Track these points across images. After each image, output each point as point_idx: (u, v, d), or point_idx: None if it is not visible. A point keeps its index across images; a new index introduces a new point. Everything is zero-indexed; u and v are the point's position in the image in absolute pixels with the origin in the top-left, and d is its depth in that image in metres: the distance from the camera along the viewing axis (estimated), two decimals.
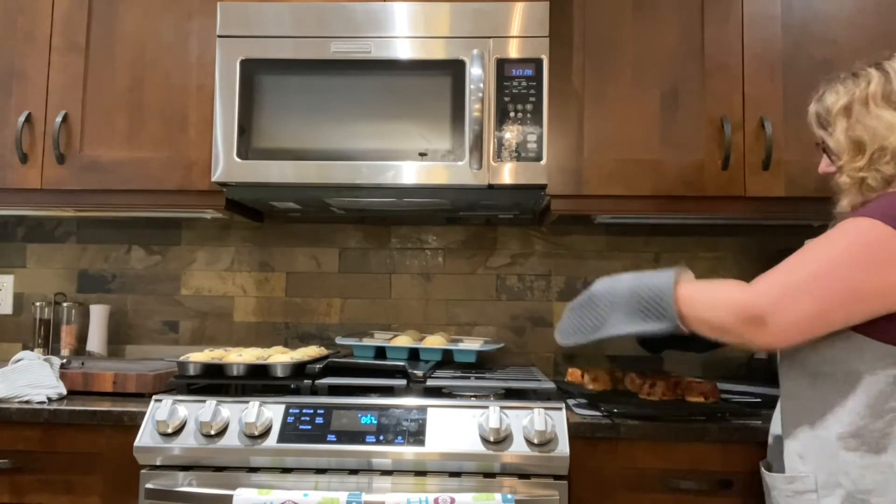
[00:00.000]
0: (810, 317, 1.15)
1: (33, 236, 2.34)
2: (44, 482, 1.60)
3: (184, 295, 2.30)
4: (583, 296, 1.42)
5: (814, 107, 1.38)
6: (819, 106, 1.37)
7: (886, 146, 1.24)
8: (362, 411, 1.54)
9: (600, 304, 1.38)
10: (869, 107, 1.27)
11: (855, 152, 1.28)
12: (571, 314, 1.43)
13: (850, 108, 1.30)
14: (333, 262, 2.31)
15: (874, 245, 1.14)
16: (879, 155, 1.25)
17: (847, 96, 1.31)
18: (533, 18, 1.84)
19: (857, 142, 1.27)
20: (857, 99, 1.29)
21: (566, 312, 1.44)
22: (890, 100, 1.26)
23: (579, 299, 1.42)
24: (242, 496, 1.41)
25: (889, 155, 1.24)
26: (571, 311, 1.43)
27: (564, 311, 1.45)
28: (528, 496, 1.45)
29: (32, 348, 2.20)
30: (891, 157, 1.24)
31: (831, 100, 1.33)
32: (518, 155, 1.80)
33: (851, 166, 1.28)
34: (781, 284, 1.17)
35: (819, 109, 1.36)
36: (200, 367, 1.66)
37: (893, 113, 1.25)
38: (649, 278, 1.35)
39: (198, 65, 1.95)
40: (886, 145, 1.24)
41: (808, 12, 1.90)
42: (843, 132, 1.30)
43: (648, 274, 1.37)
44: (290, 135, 1.85)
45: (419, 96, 1.83)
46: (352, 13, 1.86)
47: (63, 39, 1.97)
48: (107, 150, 1.95)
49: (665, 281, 1.31)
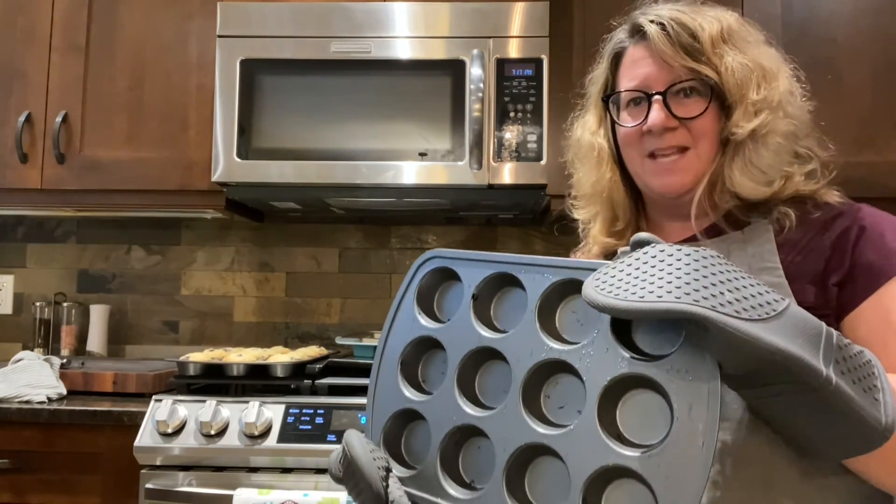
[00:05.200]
0: None
1: (33, 236, 2.34)
2: (44, 482, 1.60)
3: (184, 295, 2.30)
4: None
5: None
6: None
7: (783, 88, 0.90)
8: (362, 411, 1.54)
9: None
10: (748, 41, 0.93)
11: (757, 82, 0.89)
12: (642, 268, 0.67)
13: (728, 34, 0.91)
14: (333, 262, 2.31)
15: None
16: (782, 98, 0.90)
17: (716, 22, 0.92)
18: (533, 18, 1.83)
19: (763, 70, 0.90)
20: (731, 29, 0.93)
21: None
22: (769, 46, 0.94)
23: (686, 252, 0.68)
24: (242, 496, 1.41)
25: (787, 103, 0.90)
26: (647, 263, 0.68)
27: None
28: None
29: (32, 348, 2.20)
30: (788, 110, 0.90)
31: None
32: (518, 155, 1.80)
33: (754, 98, 0.89)
34: None
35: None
36: (200, 367, 1.66)
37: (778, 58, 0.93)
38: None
39: (198, 65, 1.95)
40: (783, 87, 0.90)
41: (808, 12, 1.90)
42: (737, 58, 0.90)
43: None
44: (290, 135, 1.85)
45: (419, 96, 1.83)
46: (352, 13, 1.86)
47: (63, 39, 1.97)
48: (107, 150, 1.95)
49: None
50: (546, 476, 0.69)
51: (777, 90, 0.89)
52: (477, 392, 0.77)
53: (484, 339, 0.75)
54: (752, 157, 0.88)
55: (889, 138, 1.88)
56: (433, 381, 0.80)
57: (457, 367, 0.76)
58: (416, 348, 0.82)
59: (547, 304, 0.73)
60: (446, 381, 0.77)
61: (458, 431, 0.75)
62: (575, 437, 0.66)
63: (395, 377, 0.81)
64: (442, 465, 0.75)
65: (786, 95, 0.90)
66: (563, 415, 0.69)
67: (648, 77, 0.92)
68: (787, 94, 0.91)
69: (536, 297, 0.73)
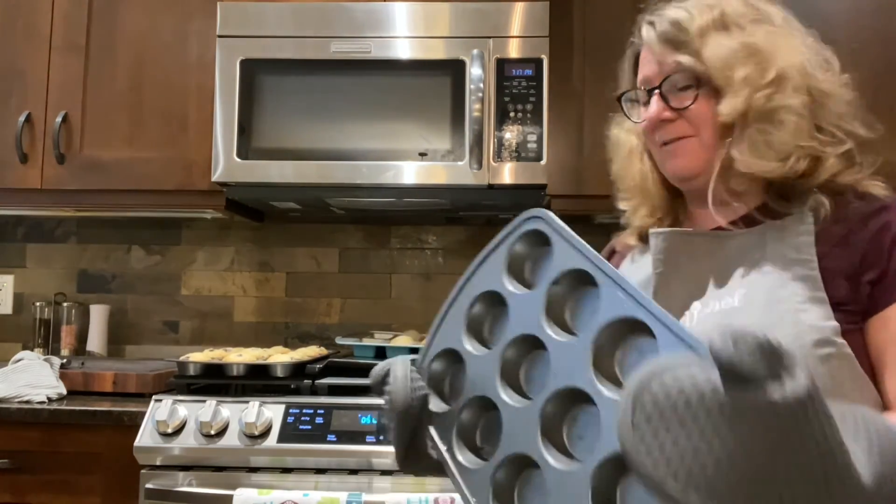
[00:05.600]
0: None
1: (33, 236, 2.34)
2: (44, 482, 1.60)
3: (184, 295, 2.30)
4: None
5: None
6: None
7: (785, 67, 0.89)
8: (362, 411, 1.54)
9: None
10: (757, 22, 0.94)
11: (747, 62, 0.89)
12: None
13: (724, 19, 0.92)
14: (333, 262, 2.31)
15: None
16: (780, 78, 0.89)
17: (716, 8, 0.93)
18: (533, 18, 1.83)
19: (753, 48, 0.90)
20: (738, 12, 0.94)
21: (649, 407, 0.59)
22: (787, 23, 0.97)
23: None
24: (242, 496, 1.41)
25: (790, 84, 0.89)
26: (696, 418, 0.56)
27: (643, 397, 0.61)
28: None
29: (32, 348, 2.20)
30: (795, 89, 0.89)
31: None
32: (518, 155, 1.80)
33: (740, 78, 0.88)
34: None
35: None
36: (200, 367, 1.66)
37: (793, 35, 0.95)
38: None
39: (198, 65, 1.95)
40: (784, 66, 0.89)
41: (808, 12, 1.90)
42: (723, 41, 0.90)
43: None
44: (290, 135, 1.85)
45: (419, 96, 1.83)
46: (352, 13, 1.86)
47: (63, 39, 1.97)
48: (107, 150, 1.95)
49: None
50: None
51: (774, 66, 0.89)
52: (521, 375, 0.75)
53: (540, 332, 0.72)
54: (756, 135, 0.87)
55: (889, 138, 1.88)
56: (493, 338, 0.79)
57: (509, 342, 0.75)
58: (488, 300, 0.80)
59: (609, 336, 0.67)
60: (496, 348, 0.75)
61: (481, 401, 0.75)
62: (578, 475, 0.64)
63: (461, 318, 0.81)
64: (458, 427, 0.76)
65: (791, 70, 0.89)
66: (580, 446, 0.67)
67: (648, 75, 0.96)
68: (793, 69, 0.90)
69: (603, 321, 0.67)
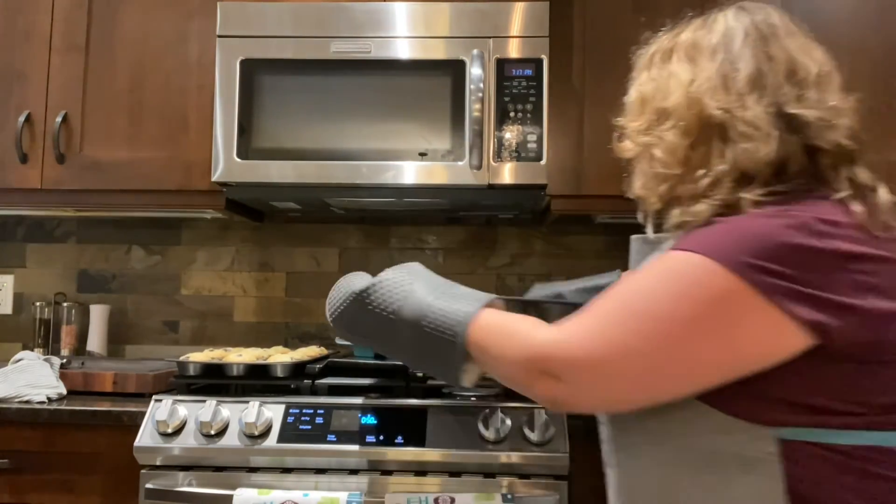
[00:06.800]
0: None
1: (33, 236, 2.34)
2: (44, 482, 1.60)
3: (184, 295, 2.30)
4: (353, 296, 1.11)
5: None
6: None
7: (667, 107, 0.96)
8: (362, 411, 1.54)
9: (379, 311, 1.08)
10: (670, 58, 1.00)
11: (638, 111, 1.01)
12: (354, 305, 1.11)
13: (653, 58, 1.03)
14: (333, 262, 2.31)
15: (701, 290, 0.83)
16: (660, 117, 0.97)
17: (655, 45, 1.04)
18: (533, 18, 1.83)
19: (642, 98, 1.01)
20: (662, 49, 1.02)
21: (347, 292, 1.13)
22: (694, 50, 0.98)
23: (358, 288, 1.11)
24: (242, 496, 1.41)
25: (672, 119, 0.95)
26: (356, 301, 1.11)
27: (344, 286, 1.15)
28: (528, 496, 1.45)
29: (32, 348, 2.20)
30: (674, 124, 0.95)
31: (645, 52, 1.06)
32: (518, 155, 1.80)
33: (631, 126, 1.02)
34: (586, 329, 0.87)
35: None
36: (200, 367, 1.66)
37: (688, 68, 0.96)
38: (445, 303, 1.03)
39: (198, 65, 1.95)
40: (667, 106, 0.96)
41: (808, 12, 1.90)
42: (636, 87, 1.03)
43: (449, 295, 1.05)
44: (290, 135, 1.85)
45: (419, 96, 1.83)
46: (352, 13, 1.86)
47: (63, 39, 1.97)
48: (107, 150, 1.95)
49: (463, 312, 1.00)
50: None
51: (654, 109, 0.99)
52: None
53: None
54: (637, 169, 1.04)
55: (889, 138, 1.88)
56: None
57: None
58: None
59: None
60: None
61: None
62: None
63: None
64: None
65: (677, 107, 0.95)
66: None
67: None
68: (679, 105, 0.95)
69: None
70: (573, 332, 0.87)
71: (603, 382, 0.85)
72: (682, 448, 0.88)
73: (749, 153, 0.88)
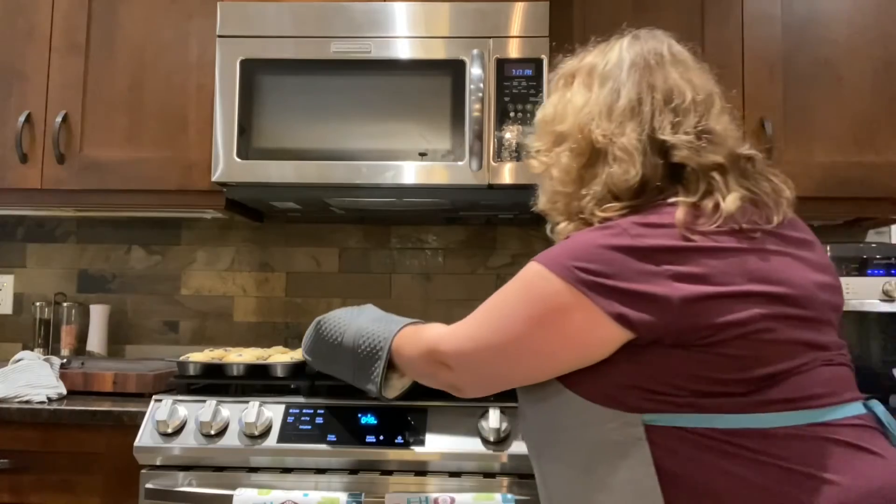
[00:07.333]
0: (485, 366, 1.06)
1: (33, 236, 2.34)
2: (44, 482, 1.60)
3: (184, 295, 2.30)
4: (314, 325, 1.42)
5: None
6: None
7: (563, 131, 1.07)
8: (362, 411, 1.54)
9: (328, 339, 1.37)
10: (571, 83, 1.11)
11: (541, 132, 1.12)
12: (313, 334, 1.44)
13: (559, 82, 1.14)
14: (333, 262, 2.31)
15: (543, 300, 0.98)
16: (557, 139, 1.09)
17: (564, 69, 1.15)
18: (533, 18, 1.83)
19: (544, 121, 1.12)
20: (566, 73, 1.13)
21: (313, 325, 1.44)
22: (590, 77, 1.08)
23: (317, 326, 1.42)
24: (242, 496, 1.40)
25: (567, 142, 1.06)
26: (315, 329, 1.43)
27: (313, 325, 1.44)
28: (528, 496, 1.44)
29: (32, 348, 2.20)
30: (568, 147, 1.06)
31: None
32: (518, 155, 1.80)
33: (535, 146, 1.13)
34: (465, 326, 1.08)
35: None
36: (200, 367, 1.66)
37: (583, 93, 1.07)
38: (378, 326, 1.27)
39: (198, 65, 1.95)
40: (563, 130, 1.07)
41: (808, 12, 1.90)
42: (541, 109, 1.14)
43: (385, 321, 1.29)
44: (290, 135, 1.85)
45: (419, 96, 1.83)
46: (352, 13, 1.86)
47: (63, 39, 1.97)
48: (107, 150, 1.95)
49: (391, 329, 1.24)
50: None
51: (554, 132, 1.08)
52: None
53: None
54: (541, 186, 1.16)
55: (889, 138, 1.88)
56: None
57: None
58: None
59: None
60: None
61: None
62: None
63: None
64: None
65: (572, 130, 1.05)
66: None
67: None
68: (574, 128, 1.05)
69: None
70: (457, 328, 1.08)
71: (475, 368, 1.06)
72: (571, 443, 1.00)
73: (616, 176, 1.00)
